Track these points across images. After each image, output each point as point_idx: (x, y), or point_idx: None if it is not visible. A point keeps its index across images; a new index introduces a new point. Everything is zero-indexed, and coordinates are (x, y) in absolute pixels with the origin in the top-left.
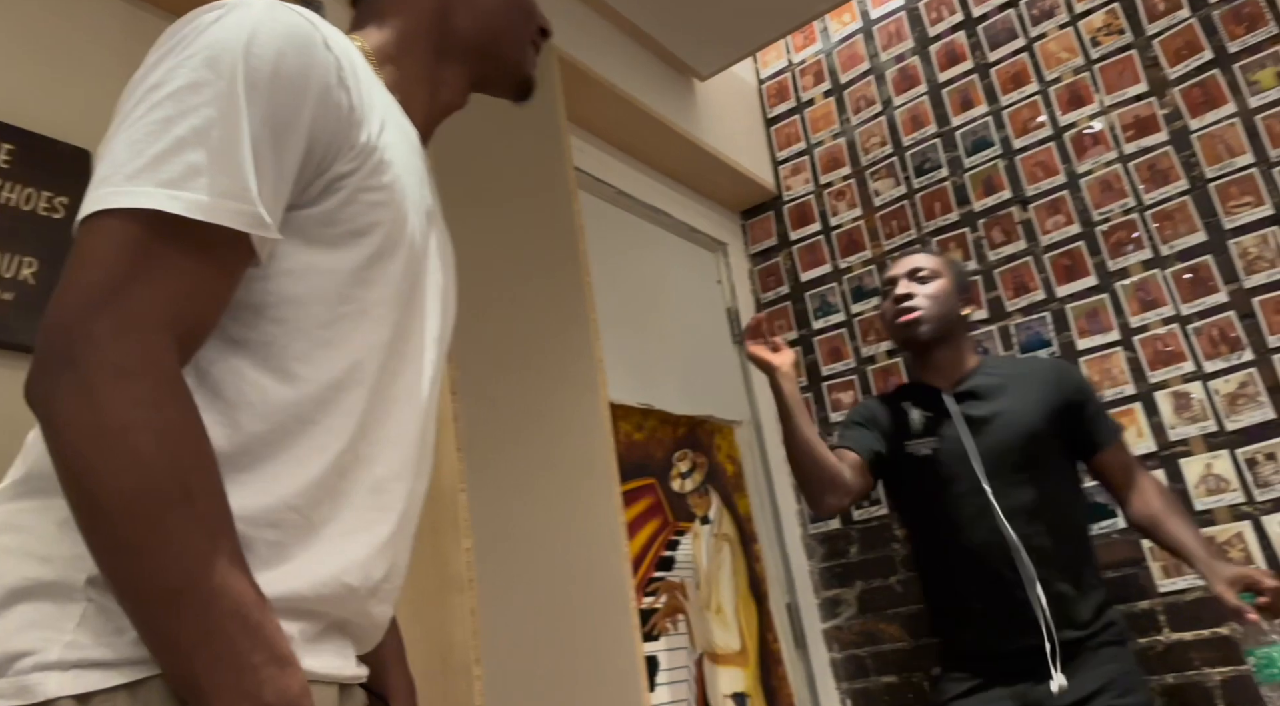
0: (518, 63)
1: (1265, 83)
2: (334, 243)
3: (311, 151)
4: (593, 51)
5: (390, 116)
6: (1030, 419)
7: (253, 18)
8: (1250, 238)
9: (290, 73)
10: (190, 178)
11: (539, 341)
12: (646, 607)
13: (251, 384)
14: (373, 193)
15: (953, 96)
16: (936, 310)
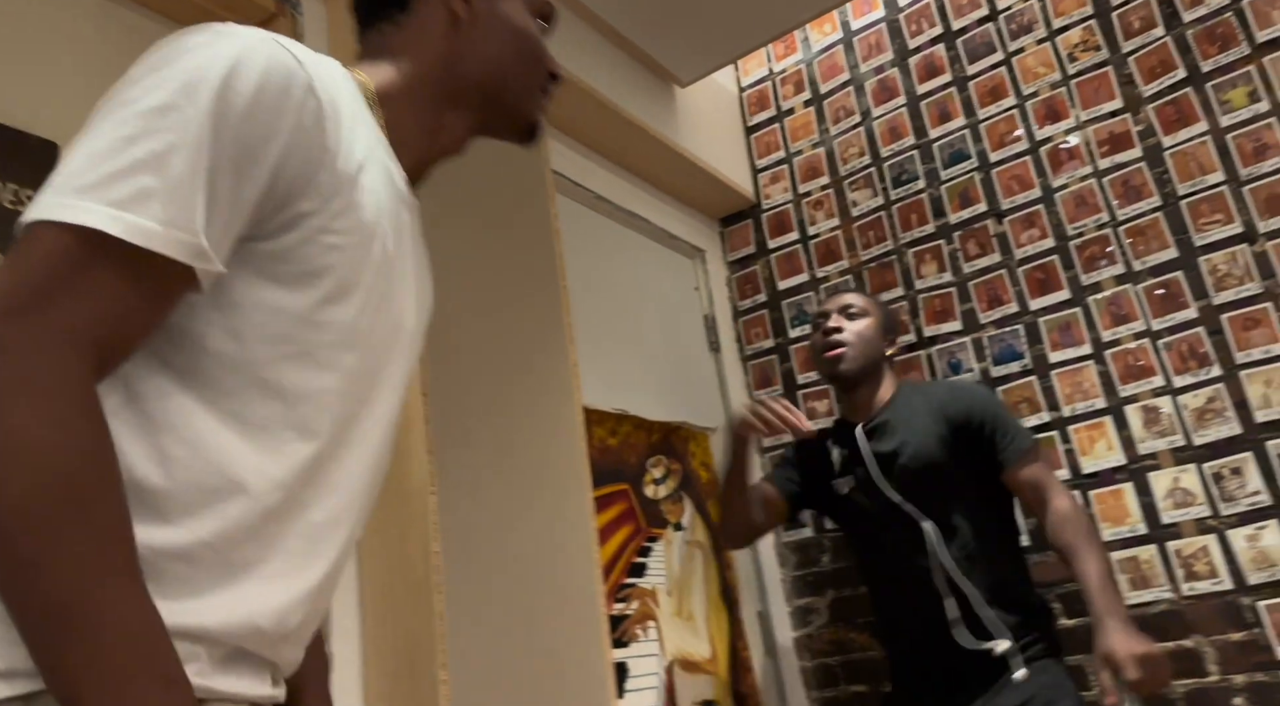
0: (524, 109)
1: (1237, 102)
2: (286, 280)
3: (274, 187)
4: (573, 55)
5: (374, 159)
6: (927, 450)
7: (239, 49)
8: (1220, 255)
9: (266, 108)
10: (139, 201)
11: (514, 344)
12: (617, 614)
13: (181, 413)
14: (334, 235)
15: (931, 109)
16: (860, 349)
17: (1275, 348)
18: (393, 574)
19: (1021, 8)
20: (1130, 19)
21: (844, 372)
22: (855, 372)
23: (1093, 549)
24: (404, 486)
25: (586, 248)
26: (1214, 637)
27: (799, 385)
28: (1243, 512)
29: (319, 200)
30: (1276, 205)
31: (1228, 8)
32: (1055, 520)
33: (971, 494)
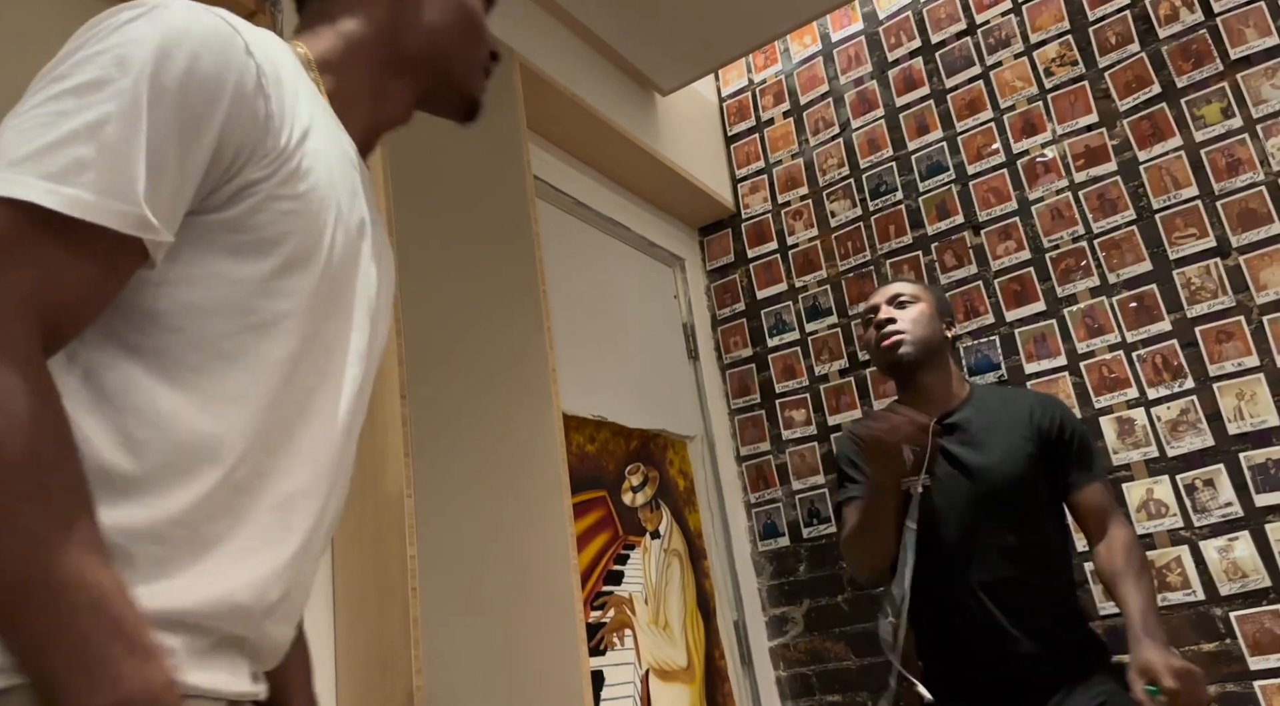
0: (465, 83)
1: (1210, 117)
2: (241, 251)
3: (220, 155)
4: (555, 61)
5: (318, 125)
6: (1017, 460)
7: (172, 18)
8: (1193, 268)
9: (204, 75)
10: (75, 172)
11: (493, 348)
12: (594, 621)
13: (143, 392)
14: (285, 201)
15: (909, 121)
16: (919, 332)
17: (1247, 360)
18: (367, 578)
19: (999, 22)
20: (1106, 34)
21: (906, 358)
22: (917, 357)
23: (1143, 579)
24: (380, 490)
25: (567, 254)
26: (1186, 648)
27: (777, 393)
28: (1215, 524)
29: (267, 166)
30: (1249, 220)
31: (1202, 25)
32: (1113, 545)
33: (1044, 509)
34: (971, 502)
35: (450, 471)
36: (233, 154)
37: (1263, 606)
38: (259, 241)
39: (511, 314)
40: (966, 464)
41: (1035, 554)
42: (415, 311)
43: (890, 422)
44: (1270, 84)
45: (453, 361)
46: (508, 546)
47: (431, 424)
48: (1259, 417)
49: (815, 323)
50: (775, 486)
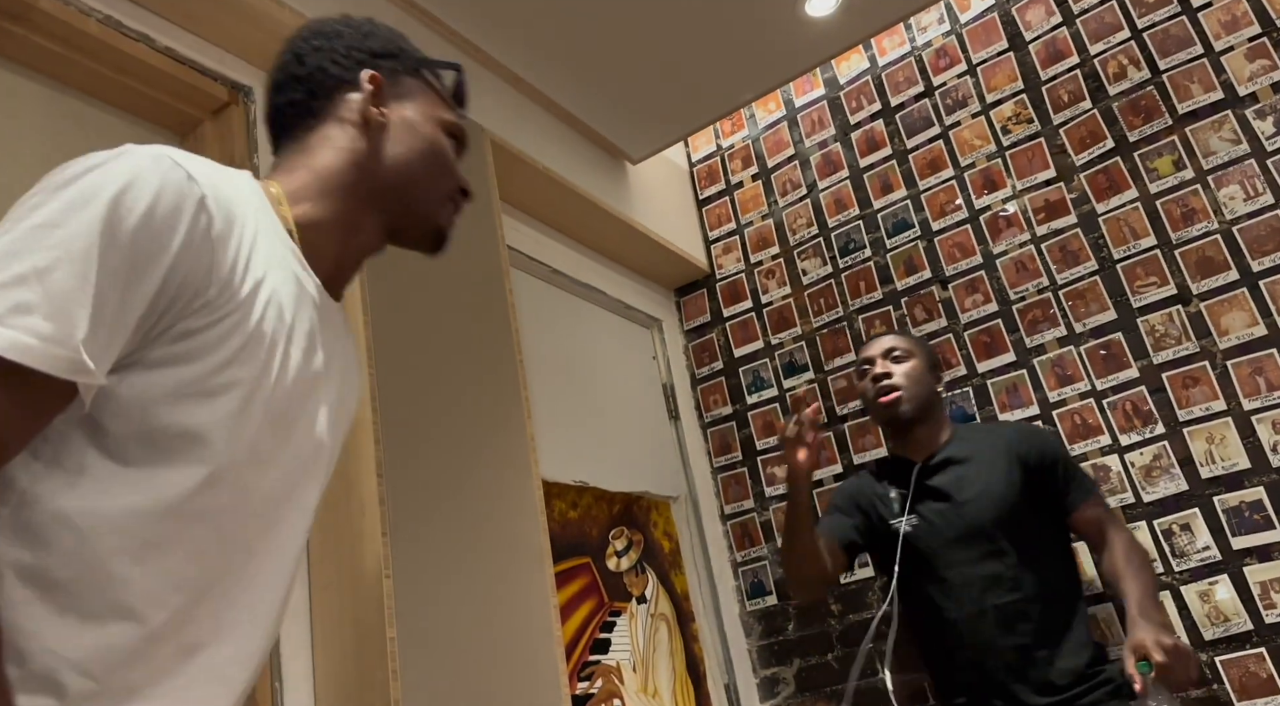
0: (430, 216)
1: (1163, 170)
2: (182, 395)
3: (159, 299)
4: (525, 135)
5: (279, 269)
6: (1000, 490)
7: (133, 168)
8: (1157, 315)
9: (155, 225)
10: (17, 315)
11: (470, 420)
12: (581, 693)
13: (71, 530)
14: (223, 351)
15: (873, 181)
16: (915, 390)
17: (1215, 404)
18: (346, 663)
19: (955, 83)
20: (1059, 93)
21: (905, 416)
22: (914, 414)
23: (1143, 573)
24: (358, 571)
25: (543, 321)
26: (1175, 696)
27: (758, 451)
28: (1194, 568)
29: (208, 315)
30: (1207, 267)
31: (1149, 82)
32: (1113, 549)
33: (1036, 535)
34: (960, 535)
35: (429, 549)
36: (171, 299)
37: (1246, 650)
38: (198, 389)
39: (488, 385)
40: (951, 497)
41: (1032, 582)
42: (390, 386)
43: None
44: (1218, 136)
45: (429, 436)
46: (490, 622)
47: (409, 501)
48: (1230, 461)
49: (792, 378)
50: (760, 544)
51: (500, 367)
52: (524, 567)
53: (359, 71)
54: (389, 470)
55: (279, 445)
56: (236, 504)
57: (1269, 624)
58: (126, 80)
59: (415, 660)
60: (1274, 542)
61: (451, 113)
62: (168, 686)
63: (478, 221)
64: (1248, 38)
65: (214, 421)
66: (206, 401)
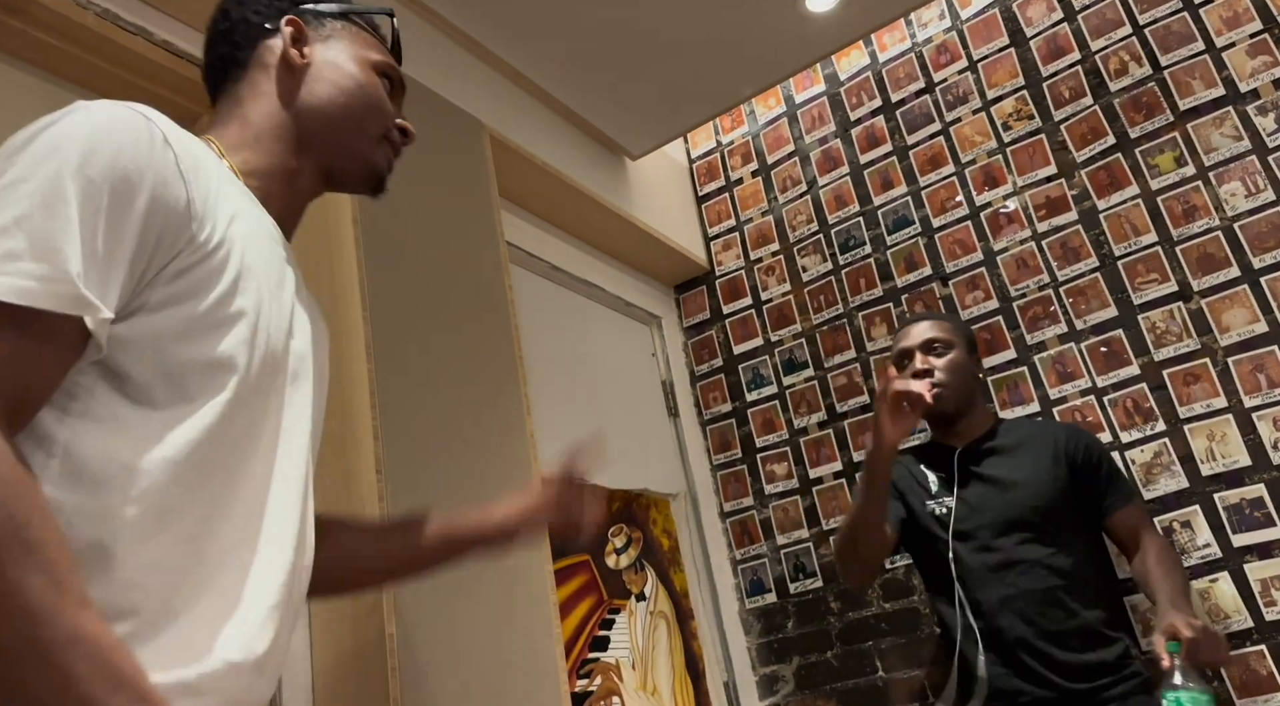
0: (363, 156)
1: (1164, 166)
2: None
3: (145, 241)
4: (525, 131)
5: (243, 209)
6: (1044, 481)
7: (91, 118)
8: (1158, 312)
9: (125, 166)
10: (6, 262)
11: (469, 417)
12: (580, 690)
13: (117, 464)
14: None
15: (873, 177)
16: (957, 384)
17: (1215, 401)
18: (345, 660)
19: (956, 80)
20: (1060, 89)
21: (946, 412)
22: (956, 409)
23: (1175, 573)
24: None
25: (543, 318)
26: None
27: (758, 448)
28: (1195, 565)
29: (194, 253)
30: (1208, 264)
31: (1150, 78)
32: (1146, 553)
33: (1073, 528)
34: (1001, 518)
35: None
36: (158, 236)
37: (1247, 647)
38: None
39: (487, 381)
40: (995, 481)
41: (1068, 571)
42: (389, 383)
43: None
44: (1219, 133)
45: (428, 433)
46: (490, 619)
47: (409, 498)
48: (1230, 458)
49: (792, 376)
50: (760, 542)
51: (500, 364)
52: (524, 564)
53: (279, 19)
54: (388, 467)
55: (276, 370)
56: (260, 424)
57: (1269, 621)
58: (124, 73)
59: (414, 657)
60: (1274, 540)
61: (382, 54)
62: (228, 599)
63: (477, 217)
64: (1249, 34)
65: (233, 349)
66: (220, 331)
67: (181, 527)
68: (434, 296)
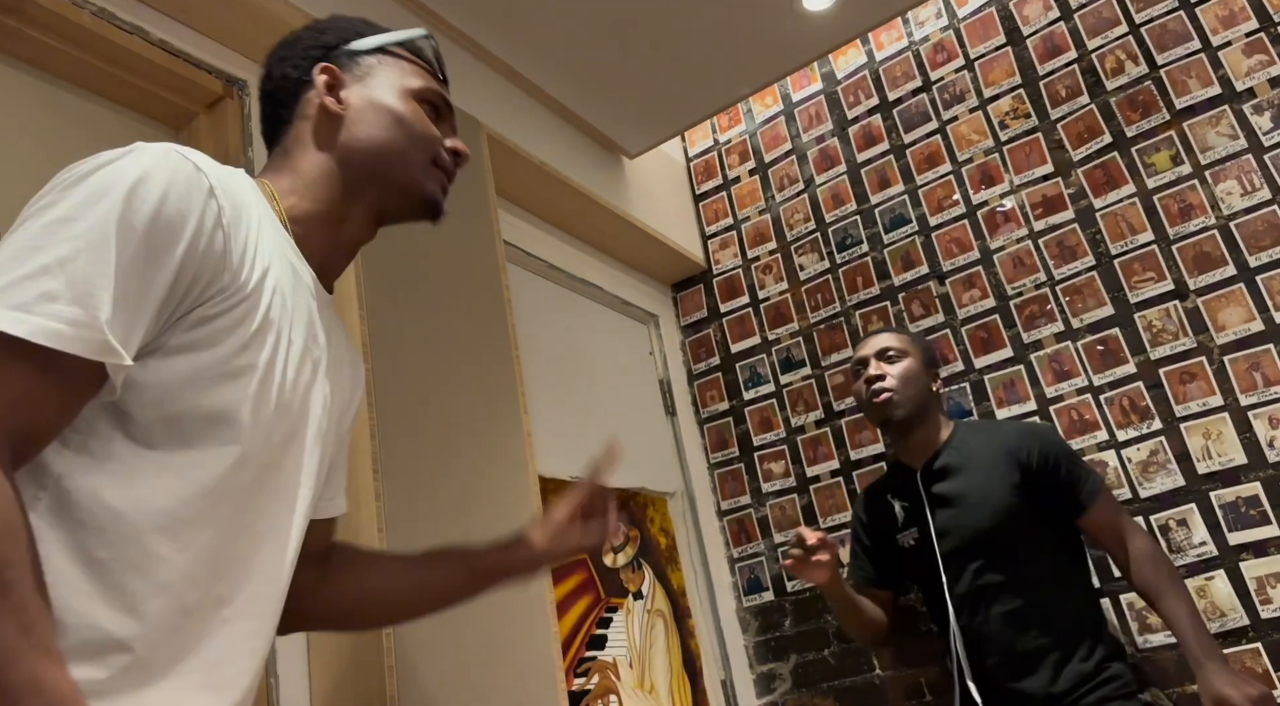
0: (413, 187)
1: (1160, 165)
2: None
3: (178, 286)
4: (522, 130)
5: (279, 260)
6: (1000, 496)
7: (145, 161)
8: (1154, 311)
9: (169, 214)
10: (43, 303)
11: (467, 417)
12: (578, 689)
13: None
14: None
15: (870, 176)
16: (908, 391)
17: (1211, 400)
18: (343, 657)
19: (953, 78)
20: (1056, 87)
21: (896, 417)
22: (908, 416)
23: (1178, 588)
24: None
25: (540, 316)
26: (1170, 691)
27: (755, 446)
28: (1191, 563)
29: (224, 301)
30: (1204, 262)
31: (1146, 77)
32: (1137, 560)
33: (1042, 537)
34: (961, 543)
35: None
36: (188, 285)
37: (1242, 645)
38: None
39: (485, 381)
40: (951, 506)
41: (1038, 587)
42: (387, 382)
43: (796, 564)
44: (1215, 132)
45: (426, 431)
46: (486, 617)
47: (406, 497)
48: (1226, 456)
49: (789, 374)
50: (757, 540)
51: (497, 363)
52: None
53: (313, 69)
54: (386, 466)
55: (288, 426)
56: (257, 482)
57: (1265, 619)
58: (120, 73)
59: (411, 655)
60: (1270, 538)
61: (420, 79)
62: (200, 659)
63: (474, 216)
64: (1245, 33)
65: (238, 401)
66: (229, 383)
67: (167, 579)
68: (431, 295)
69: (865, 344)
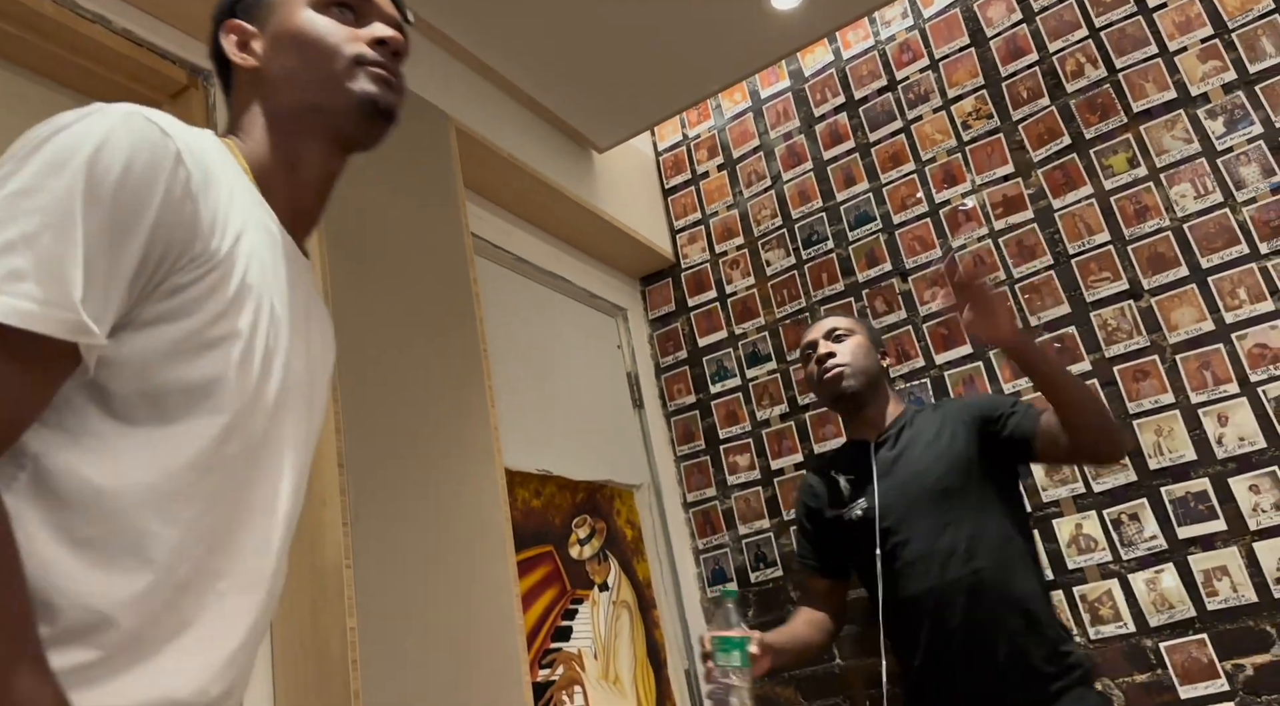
0: (345, 96)
1: (1118, 167)
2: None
3: (148, 257)
4: (491, 123)
5: (253, 222)
6: (951, 451)
7: (105, 126)
8: (1109, 310)
9: (135, 181)
10: (11, 282)
11: (433, 409)
12: (543, 680)
13: (90, 492)
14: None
15: (836, 173)
16: (859, 363)
17: (1164, 398)
18: (306, 654)
19: (918, 78)
20: (1018, 89)
21: (849, 390)
22: (860, 388)
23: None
24: (318, 562)
25: (507, 309)
26: (1121, 680)
27: (721, 439)
28: (1141, 557)
29: (196, 269)
30: (1158, 263)
31: (1105, 80)
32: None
33: (993, 505)
34: (913, 507)
35: (391, 538)
36: (160, 256)
37: (1189, 636)
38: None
39: (452, 373)
40: (903, 470)
41: (992, 553)
42: (353, 375)
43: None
44: (1171, 135)
45: (392, 425)
46: (451, 611)
47: (371, 490)
48: (1177, 453)
49: (755, 368)
50: (722, 532)
51: (464, 356)
52: (486, 556)
53: (223, 28)
54: (350, 460)
55: (274, 392)
56: (245, 451)
57: (1211, 610)
58: (82, 62)
59: (376, 650)
60: (1217, 532)
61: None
62: (194, 634)
63: (442, 208)
64: (1200, 39)
65: (219, 372)
66: (207, 353)
67: (156, 555)
68: (398, 288)
69: (811, 329)
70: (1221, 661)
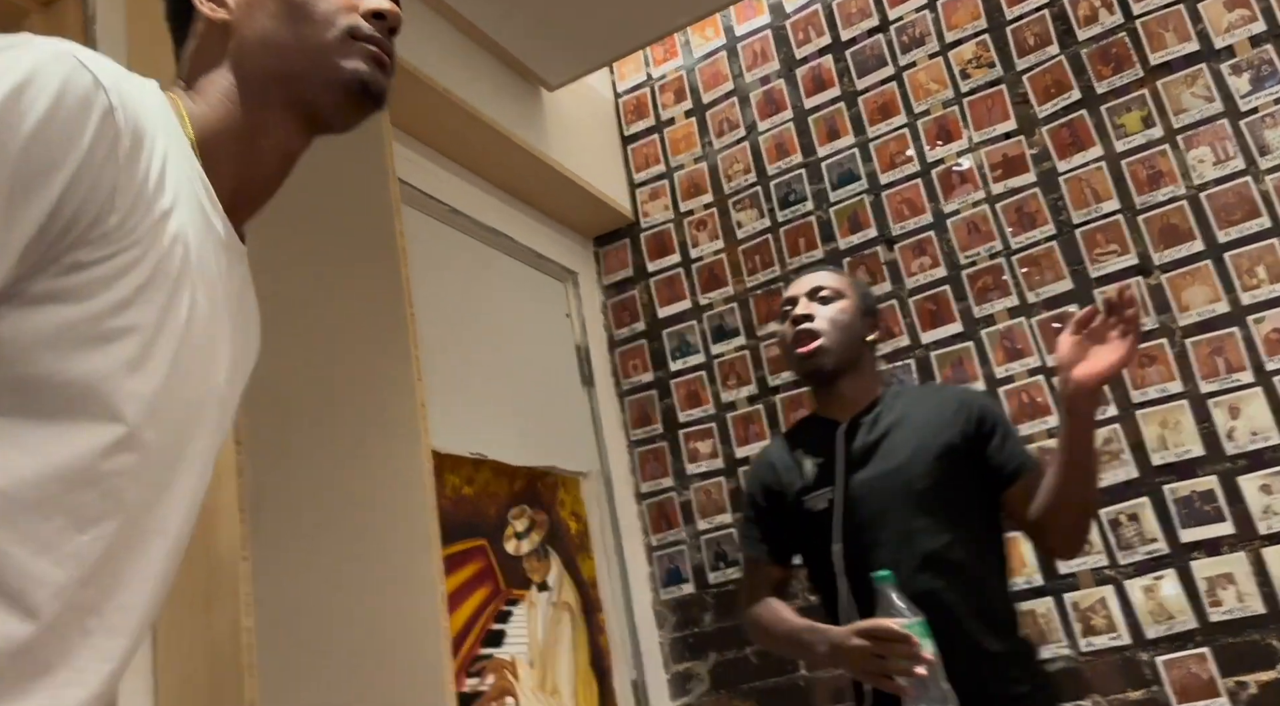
0: (330, 70)
1: (1131, 126)
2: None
3: (50, 226)
4: (424, 52)
5: (186, 199)
6: (935, 451)
7: (28, 64)
8: (1115, 287)
9: (53, 134)
10: None
11: (349, 380)
12: (469, 690)
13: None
14: (123, 287)
15: (819, 125)
16: (839, 337)
17: (1171, 386)
18: (195, 656)
19: (913, 19)
20: (1024, 35)
21: (822, 367)
22: (835, 366)
23: None
24: (210, 552)
25: (440, 268)
26: (1112, 697)
27: (680, 423)
28: (1140, 562)
29: (106, 246)
30: (1171, 236)
31: (1121, 27)
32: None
33: (969, 510)
34: (889, 504)
35: (295, 527)
36: (65, 225)
37: (1189, 650)
38: (88, 333)
39: (372, 339)
40: (881, 462)
41: (963, 557)
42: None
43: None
44: (1190, 92)
45: (300, 398)
46: (365, 611)
47: (273, 473)
48: (1183, 447)
49: (722, 344)
50: (679, 527)
51: (387, 321)
52: (408, 549)
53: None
54: (249, 437)
55: (181, 401)
56: (134, 467)
57: (1214, 622)
58: None
59: (276, 653)
60: (1223, 536)
61: None
62: (57, 678)
63: (364, 149)
64: None
65: (107, 371)
66: (98, 348)
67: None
68: (309, 239)
69: (796, 283)
70: (1223, 678)
